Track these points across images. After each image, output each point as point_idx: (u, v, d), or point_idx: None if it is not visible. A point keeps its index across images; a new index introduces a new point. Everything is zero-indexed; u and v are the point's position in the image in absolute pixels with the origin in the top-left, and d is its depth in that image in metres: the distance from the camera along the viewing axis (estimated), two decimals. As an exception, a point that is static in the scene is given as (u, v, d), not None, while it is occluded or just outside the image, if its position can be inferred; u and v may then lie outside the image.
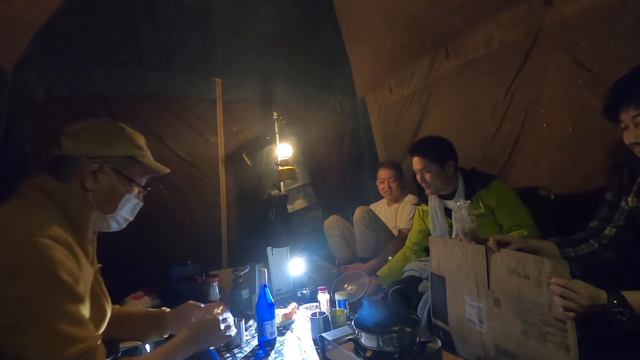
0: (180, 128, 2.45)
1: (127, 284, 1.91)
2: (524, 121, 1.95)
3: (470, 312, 1.16)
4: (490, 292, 1.10)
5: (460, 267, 1.21)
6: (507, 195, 1.59)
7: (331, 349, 1.33)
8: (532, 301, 0.98)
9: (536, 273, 0.97)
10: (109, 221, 0.89)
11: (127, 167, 0.88)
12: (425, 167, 1.66)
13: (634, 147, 0.97)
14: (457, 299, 1.21)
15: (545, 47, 1.81)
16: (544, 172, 1.85)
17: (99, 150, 0.83)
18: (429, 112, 2.59)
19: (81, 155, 0.82)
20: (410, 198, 2.42)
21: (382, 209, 2.56)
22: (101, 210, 0.86)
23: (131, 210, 0.93)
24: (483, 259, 1.12)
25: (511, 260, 1.05)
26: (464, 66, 2.27)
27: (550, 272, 0.93)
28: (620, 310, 0.83)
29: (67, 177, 0.81)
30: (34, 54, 1.96)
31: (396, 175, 2.44)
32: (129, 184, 0.89)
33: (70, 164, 0.81)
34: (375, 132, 3.18)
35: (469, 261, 1.18)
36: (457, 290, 1.22)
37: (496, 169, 2.05)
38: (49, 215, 0.74)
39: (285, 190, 2.47)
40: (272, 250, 2.24)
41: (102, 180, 0.84)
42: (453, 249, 1.26)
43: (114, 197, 0.87)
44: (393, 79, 2.86)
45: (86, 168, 0.81)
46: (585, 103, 1.65)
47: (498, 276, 1.08)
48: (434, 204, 1.77)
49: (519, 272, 1.02)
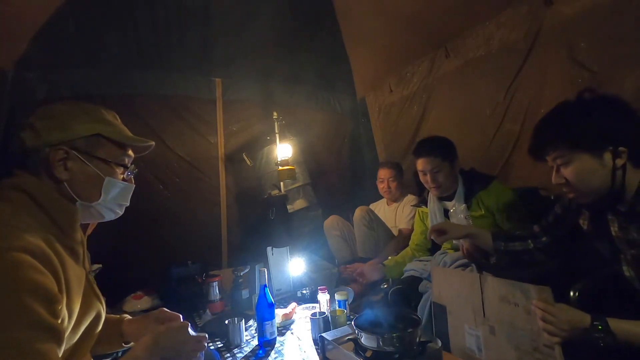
0: (180, 128, 2.46)
1: (127, 284, 1.92)
2: (524, 121, 1.95)
3: (469, 341, 1.17)
4: (486, 320, 1.12)
5: (459, 295, 1.22)
6: (506, 197, 1.57)
7: (331, 349, 1.33)
8: (523, 328, 0.99)
9: (524, 300, 0.99)
10: (99, 209, 0.81)
11: (96, 147, 0.78)
12: (436, 166, 1.62)
13: (560, 187, 0.99)
14: (458, 327, 1.22)
15: (545, 47, 1.80)
16: (544, 172, 1.84)
17: (59, 135, 0.74)
18: (429, 112, 2.58)
19: (42, 145, 0.73)
20: (410, 198, 2.42)
21: (382, 209, 2.56)
22: (85, 199, 0.77)
23: (121, 194, 0.84)
24: (478, 288, 1.14)
25: (502, 288, 1.07)
26: (464, 66, 2.27)
27: (536, 298, 0.95)
28: (602, 336, 0.83)
29: (39, 173, 0.74)
30: (34, 54, 1.96)
31: (396, 175, 2.44)
32: (106, 165, 0.79)
33: (35, 158, 0.73)
34: (375, 132, 3.18)
35: (466, 290, 1.19)
36: (457, 319, 1.23)
37: (496, 169, 2.05)
38: (31, 219, 0.67)
39: (285, 190, 2.47)
40: (272, 250, 2.24)
41: (74, 168, 0.75)
42: (452, 278, 1.28)
43: (93, 183, 0.78)
44: (393, 79, 2.86)
45: (52, 158, 0.73)
46: (585, 103, 1.65)
47: (491, 304, 1.10)
48: (433, 206, 1.76)
49: (509, 300, 1.04)
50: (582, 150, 0.90)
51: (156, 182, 2.28)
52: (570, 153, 0.92)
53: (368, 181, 2.75)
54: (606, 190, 0.90)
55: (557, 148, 0.94)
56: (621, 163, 0.88)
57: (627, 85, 1.49)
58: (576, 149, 0.91)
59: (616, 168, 0.88)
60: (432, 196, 1.78)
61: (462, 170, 1.72)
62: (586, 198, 0.97)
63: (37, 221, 0.68)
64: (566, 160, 0.93)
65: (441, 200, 1.73)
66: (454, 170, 1.64)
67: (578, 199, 0.99)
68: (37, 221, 0.68)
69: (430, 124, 2.58)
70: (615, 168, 0.88)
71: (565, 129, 0.93)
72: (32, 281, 0.59)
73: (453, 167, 1.64)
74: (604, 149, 0.88)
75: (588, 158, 0.90)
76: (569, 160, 0.92)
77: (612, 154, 0.88)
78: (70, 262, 0.72)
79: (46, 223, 0.70)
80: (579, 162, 0.91)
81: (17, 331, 0.55)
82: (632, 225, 0.90)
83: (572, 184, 0.94)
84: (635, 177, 0.89)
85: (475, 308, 1.15)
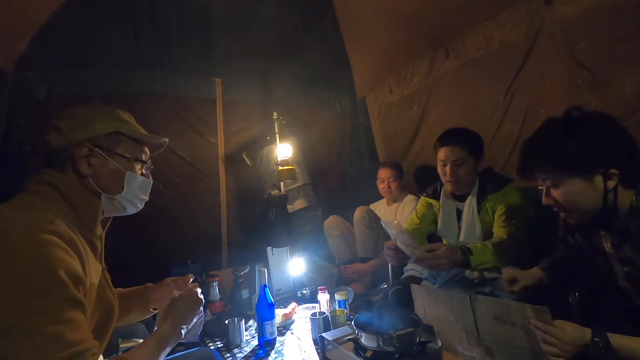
0: (180, 128, 2.45)
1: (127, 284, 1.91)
2: (524, 121, 1.95)
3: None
4: (481, 340, 1.09)
5: (448, 316, 1.19)
6: (515, 206, 1.45)
7: (331, 349, 1.33)
8: (524, 347, 0.96)
9: (521, 319, 0.96)
10: (122, 202, 0.87)
11: (116, 144, 0.86)
12: (460, 158, 1.49)
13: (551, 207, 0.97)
14: (449, 348, 1.19)
15: (545, 47, 1.80)
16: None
17: (82, 134, 0.82)
18: (429, 112, 2.58)
19: (67, 144, 0.80)
20: (410, 198, 2.42)
21: (382, 209, 2.56)
22: (108, 192, 0.84)
23: (141, 188, 0.90)
24: (468, 307, 1.11)
25: (495, 308, 1.04)
26: (464, 66, 2.27)
27: (534, 317, 0.93)
28: (603, 352, 0.82)
29: (65, 169, 0.81)
30: (34, 54, 1.95)
31: (396, 175, 2.45)
32: (126, 160, 0.87)
33: (61, 156, 0.81)
34: (375, 132, 3.18)
35: (455, 310, 1.16)
36: (448, 340, 1.20)
37: (496, 169, 2.05)
38: (56, 211, 0.73)
39: (285, 190, 2.47)
40: (272, 250, 2.24)
41: (97, 164, 0.82)
42: (438, 298, 1.24)
43: (116, 177, 0.85)
44: (393, 79, 2.86)
45: (77, 155, 0.80)
46: (585, 103, 1.64)
47: (485, 324, 1.07)
48: (445, 204, 1.66)
49: (504, 319, 1.01)
50: (571, 172, 0.88)
51: (156, 182, 2.25)
52: (559, 175, 0.90)
53: (368, 181, 2.74)
54: (598, 211, 0.89)
55: (546, 170, 0.92)
56: (612, 185, 0.86)
57: (627, 86, 1.49)
58: (566, 172, 0.89)
59: (608, 190, 0.86)
60: (445, 193, 1.67)
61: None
62: (577, 218, 0.95)
63: (63, 213, 0.74)
64: (556, 182, 0.91)
65: (455, 200, 1.64)
66: (476, 168, 1.54)
67: (569, 218, 0.98)
68: (63, 213, 0.74)
69: (430, 124, 2.58)
70: (607, 190, 0.86)
71: (554, 150, 0.90)
72: (63, 260, 0.65)
73: (477, 165, 1.53)
74: (595, 171, 0.86)
75: (578, 181, 0.88)
76: (559, 182, 0.91)
77: (603, 177, 0.86)
78: (90, 254, 0.78)
79: (71, 216, 0.76)
80: (568, 184, 0.89)
81: (53, 300, 0.62)
82: (626, 245, 0.89)
83: (562, 205, 0.93)
84: (627, 197, 0.88)
85: (468, 329, 1.12)
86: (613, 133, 0.88)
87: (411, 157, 2.75)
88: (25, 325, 0.59)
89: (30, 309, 0.60)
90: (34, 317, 0.60)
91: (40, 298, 0.61)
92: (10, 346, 0.58)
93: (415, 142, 2.72)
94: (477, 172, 1.55)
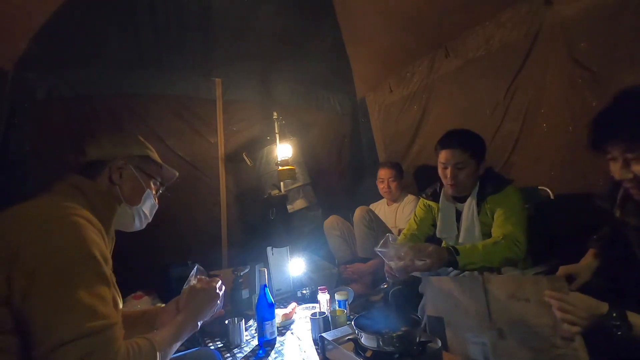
0: (181, 128, 2.45)
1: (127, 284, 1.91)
2: (524, 121, 1.95)
3: (474, 351, 1.11)
4: (493, 323, 1.06)
5: (457, 305, 1.17)
6: (514, 207, 1.43)
7: (331, 349, 1.33)
8: (537, 324, 0.94)
9: (535, 293, 0.95)
10: (134, 213, 1.00)
11: (145, 165, 1.02)
12: (461, 161, 1.47)
13: (624, 182, 0.92)
14: (458, 339, 1.17)
15: (545, 47, 1.80)
16: (544, 171, 1.85)
17: (121, 150, 0.97)
18: (429, 112, 2.58)
19: (106, 157, 0.94)
20: (410, 198, 2.42)
21: (382, 209, 2.56)
22: (128, 202, 0.97)
23: (149, 209, 1.05)
24: (481, 290, 1.10)
25: (508, 285, 1.02)
26: (464, 66, 2.27)
27: (549, 289, 0.91)
28: (618, 324, 0.80)
29: (96, 176, 0.92)
30: (34, 54, 1.96)
31: (396, 175, 2.45)
32: (148, 180, 1.03)
33: (97, 166, 0.93)
34: (375, 132, 3.18)
35: (466, 296, 1.15)
36: (457, 330, 1.18)
37: (496, 169, 2.04)
38: (79, 205, 0.80)
39: (285, 190, 2.47)
40: (272, 250, 2.24)
41: (126, 176, 0.96)
42: (448, 287, 1.22)
43: (138, 191, 1.00)
44: (393, 79, 2.86)
45: (113, 166, 0.94)
46: (585, 103, 1.65)
47: (498, 304, 1.05)
48: (445, 206, 1.65)
49: (518, 296, 0.99)
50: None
51: (156, 182, 2.28)
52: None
53: (368, 181, 2.74)
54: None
55: (627, 140, 0.86)
56: None
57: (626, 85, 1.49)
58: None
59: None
60: (444, 194, 1.65)
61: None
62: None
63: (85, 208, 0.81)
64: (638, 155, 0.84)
65: (455, 201, 1.62)
66: (477, 171, 1.51)
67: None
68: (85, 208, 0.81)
69: (430, 124, 2.58)
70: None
71: (633, 122, 0.85)
72: (95, 241, 0.73)
73: (478, 168, 1.50)
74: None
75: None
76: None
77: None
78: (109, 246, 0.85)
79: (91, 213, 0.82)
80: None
81: (89, 274, 0.69)
82: None
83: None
84: None
85: (480, 313, 1.10)
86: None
87: (411, 157, 2.75)
88: (62, 295, 0.65)
89: (68, 280, 0.66)
90: (71, 288, 0.66)
91: (77, 273, 0.68)
92: (49, 314, 0.64)
93: (415, 142, 2.72)
94: (479, 174, 1.53)
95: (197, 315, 0.96)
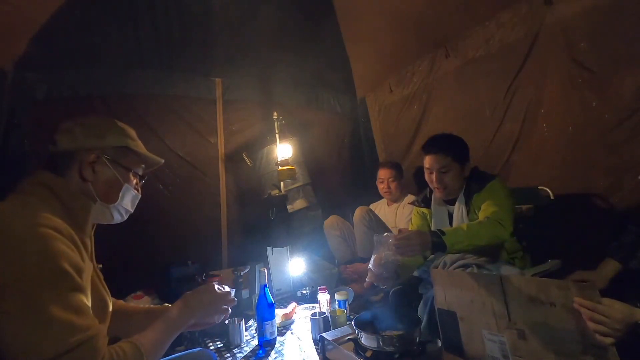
0: (180, 128, 2.45)
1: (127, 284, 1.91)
2: (524, 121, 1.95)
3: (491, 348, 1.06)
4: (512, 324, 1.01)
5: (473, 300, 1.11)
6: (496, 196, 1.45)
7: (331, 349, 1.33)
8: (563, 329, 0.89)
9: (562, 298, 0.90)
10: (112, 211, 0.91)
11: (122, 157, 0.90)
12: (445, 165, 1.51)
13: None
14: (474, 334, 1.11)
15: (545, 47, 1.81)
16: (544, 171, 1.85)
17: (94, 141, 0.86)
18: (429, 112, 2.59)
19: (77, 149, 0.84)
20: (410, 198, 2.42)
21: (382, 209, 2.56)
22: (104, 200, 0.88)
23: (131, 201, 0.95)
24: (499, 289, 1.04)
25: (530, 287, 0.97)
26: (464, 66, 2.27)
27: (579, 295, 0.87)
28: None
29: (66, 171, 0.83)
30: (34, 54, 1.95)
31: (396, 175, 2.45)
32: (127, 173, 0.92)
33: (68, 158, 0.84)
34: (375, 132, 3.19)
35: (482, 293, 1.09)
36: (472, 325, 1.12)
37: (496, 169, 2.05)
38: (50, 208, 0.75)
39: (285, 190, 2.47)
40: (272, 250, 2.24)
41: (101, 171, 0.86)
42: (462, 281, 1.16)
43: (114, 187, 0.89)
44: (393, 79, 2.86)
45: (84, 160, 0.84)
46: (585, 103, 1.65)
47: (518, 305, 1.00)
48: (436, 210, 1.67)
49: (542, 300, 0.94)
50: None
51: (156, 182, 2.28)
52: None
53: (368, 181, 2.75)
54: None
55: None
56: None
57: (627, 86, 1.49)
58: None
59: None
60: (435, 199, 1.69)
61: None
62: None
63: (55, 211, 0.76)
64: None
65: (445, 204, 1.64)
66: (463, 173, 1.54)
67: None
68: (55, 211, 0.76)
69: (430, 124, 2.58)
70: None
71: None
72: (64, 252, 0.69)
73: (463, 170, 1.54)
74: None
75: None
76: None
77: None
78: (83, 251, 0.79)
79: (62, 214, 0.78)
80: None
81: (61, 289, 0.66)
82: None
83: None
84: None
85: (497, 312, 1.05)
86: None
87: (411, 157, 2.75)
88: (37, 314, 0.63)
89: (40, 297, 0.64)
90: (45, 304, 0.63)
91: (49, 289, 0.65)
92: (26, 333, 0.61)
93: (415, 142, 2.72)
94: (465, 176, 1.56)
95: (194, 312, 0.91)
